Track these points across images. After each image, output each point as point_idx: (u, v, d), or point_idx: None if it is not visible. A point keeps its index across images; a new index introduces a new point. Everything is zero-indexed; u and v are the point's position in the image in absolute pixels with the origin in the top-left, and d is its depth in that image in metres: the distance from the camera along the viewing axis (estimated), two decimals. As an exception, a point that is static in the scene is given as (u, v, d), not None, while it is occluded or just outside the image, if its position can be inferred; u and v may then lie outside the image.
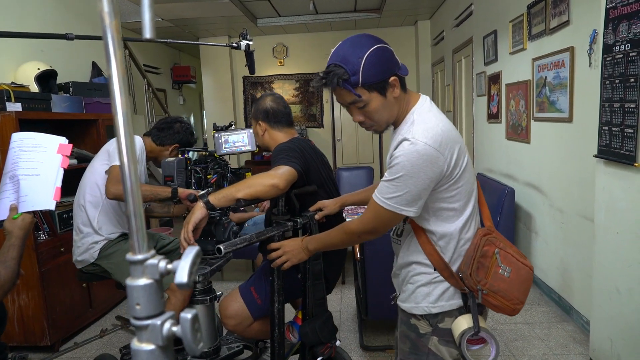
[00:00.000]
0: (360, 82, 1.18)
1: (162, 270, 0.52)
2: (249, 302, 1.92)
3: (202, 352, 1.89)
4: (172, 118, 2.40)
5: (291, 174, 1.59)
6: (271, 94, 2.00)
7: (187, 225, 1.49)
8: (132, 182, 0.50)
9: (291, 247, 1.54)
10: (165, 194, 2.02)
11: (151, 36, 0.48)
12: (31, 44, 3.32)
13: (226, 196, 1.52)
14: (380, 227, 1.28)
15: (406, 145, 1.16)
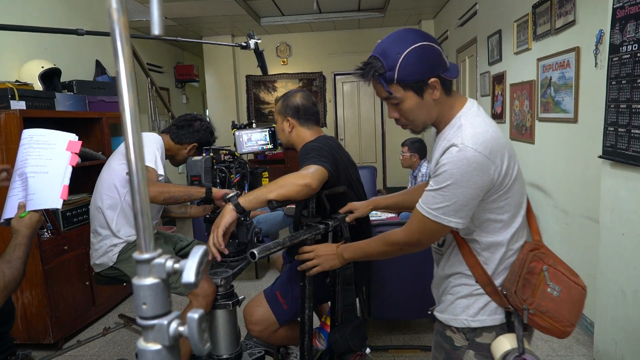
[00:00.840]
0: (396, 79, 1.12)
1: (169, 270, 0.51)
2: (275, 307, 1.85)
3: (224, 358, 1.84)
4: (191, 116, 2.30)
5: (322, 174, 1.53)
6: (300, 90, 1.93)
7: (217, 230, 1.42)
8: (140, 180, 0.50)
9: (324, 252, 1.48)
10: (199, 194, 1.91)
11: (159, 33, 0.48)
12: (35, 43, 3.33)
13: (257, 198, 1.45)
14: (425, 239, 1.22)
15: (454, 151, 1.08)
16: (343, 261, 1.46)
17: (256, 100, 7.87)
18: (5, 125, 2.57)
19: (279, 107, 1.89)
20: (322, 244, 1.52)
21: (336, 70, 7.72)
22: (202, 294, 1.93)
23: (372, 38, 7.52)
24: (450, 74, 1.16)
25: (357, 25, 7.26)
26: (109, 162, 2.17)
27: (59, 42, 3.58)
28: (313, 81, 7.76)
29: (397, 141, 4.07)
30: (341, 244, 1.51)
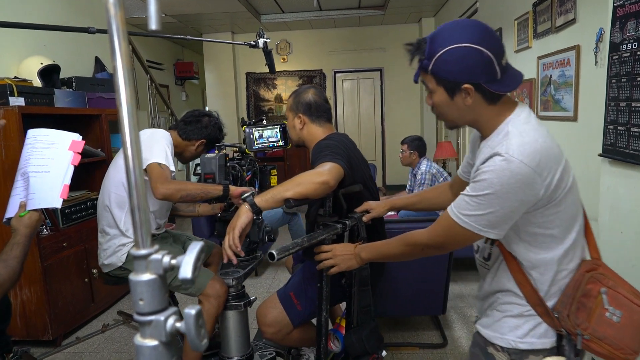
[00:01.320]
0: (430, 70, 1.08)
1: (166, 266, 0.51)
2: (289, 308, 1.81)
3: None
4: (200, 111, 2.23)
5: (339, 172, 1.48)
6: (312, 87, 1.88)
7: (234, 231, 1.35)
8: (137, 176, 0.50)
9: (342, 252, 1.44)
10: (216, 192, 1.86)
11: (157, 28, 0.47)
12: (34, 39, 3.32)
13: (274, 197, 1.39)
14: (449, 244, 1.17)
15: (498, 160, 1.00)
16: (361, 261, 1.42)
17: (256, 98, 7.86)
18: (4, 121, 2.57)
19: (291, 103, 1.86)
20: (339, 244, 1.48)
21: (336, 68, 7.71)
22: (214, 295, 1.89)
23: (372, 36, 7.52)
24: (499, 86, 1.06)
25: (357, 22, 7.25)
26: (116, 159, 2.11)
27: (58, 38, 3.57)
28: (313, 79, 7.75)
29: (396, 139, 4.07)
30: (359, 244, 1.47)
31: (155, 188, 1.77)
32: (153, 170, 1.81)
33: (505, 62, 1.07)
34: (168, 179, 1.81)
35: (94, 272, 3.11)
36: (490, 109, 1.10)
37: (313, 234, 1.46)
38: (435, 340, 2.69)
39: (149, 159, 1.85)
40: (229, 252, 1.36)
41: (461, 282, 3.54)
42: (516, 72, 1.10)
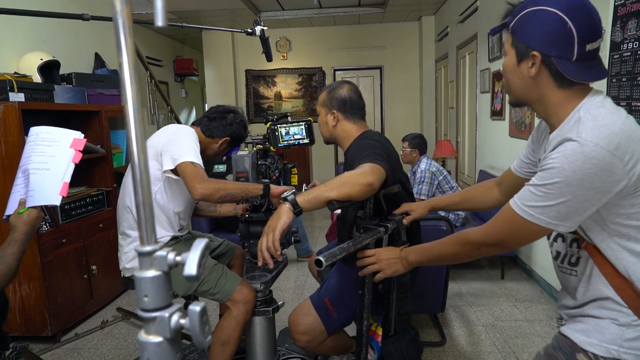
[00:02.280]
0: (510, 28, 1.03)
1: (171, 262, 0.51)
2: (324, 315, 1.72)
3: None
4: (225, 107, 2.10)
5: (382, 173, 1.41)
6: (347, 82, 1.81)
7: (274, 232, 1.25)
8: (142, 172, 0.50)
9: (387, 256, 1.35)
10: (257, 191, 1.76)
11: (163, 24, 0.47)
12: (34, 34, 3.31)
13: (317, 197, 1.30)
14: (510, 241, 1.06)
15: (569, 145, 0.92)
16: (408, 265, 1.34)
17: (255, 95, 7.85)
18: (4, 117, 2.56)
19: (324, 98, 1.78)
20: (383, 248, 1.41)
21: (336, 66, 7.70)
22: (242, 301, 1.82)
23: (372, 34, 7.51)
24: (570, 70, 0.96)
25: (357, 20, 7.24)
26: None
27: (58, 34, 3.56)
28: (313, 76, 7.74)
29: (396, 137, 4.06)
30: (404, 247, 1.38)
31: (192, 188, 1.66)
32: (187, 170, 1.70)
33: (593, 50, 0.97)
34: (205, 177, 1.71)
35: (93, 268, 3.11)
36: (557, 92, 1.01)
37: (357, 238, 1.37)
38: (434, 339, 2.70)
39: (180, 157, 1.74)
40: (266, 254, 1.27)
41: (460, 281, 3.54)
42: (600, 68, 1.00)
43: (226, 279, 1.86)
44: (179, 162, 1.72)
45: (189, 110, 8.61)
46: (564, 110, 1.00)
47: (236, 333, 1.82)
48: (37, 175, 1.48)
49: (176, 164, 1.73)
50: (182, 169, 1.71)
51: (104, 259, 3.27)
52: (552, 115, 1.03)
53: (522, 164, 1.30)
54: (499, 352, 2.51)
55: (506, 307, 3.07)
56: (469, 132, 5.26)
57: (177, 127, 1.96)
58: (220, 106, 2.10)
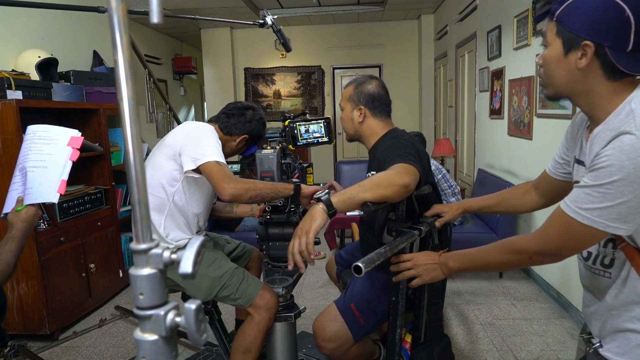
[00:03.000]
0: (556, 16, 0.94)
1: (166, 260, 0.51)
2: (350, 321, 1.65)
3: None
4: (243, 104, 2.02)
5: (416, 174, 1.35)
6: (374, 77, 1.75)
7: (308, 235, 1.17)
8: (137, 170, 0.50)
9: (424, 261, 1.27)
10: (287, 191, 1.69)
11: (158, 21, 0.47)
12: (32, 32, 3.30)
13: (352, 198, 1.23)
14: (566, 248, 0.98)
15: (626, 140, 0.85)
16: (447, 272, 1.24)
17: (254, 93, 7.84)
18: (1, 115, 2.55)
19: (350, 93, 1.72)
20: (420, 252, 1.33)
21: (335, 64, 7.70)
22: (265, 306, 1.76)
23: (371, 32, 7.50)
24: (625, 61, 0.90)
25: (356, 19, 7.23)
26: (153, 156, 1.87)
27: (57, 31, 3.55)
28: (312, 74, 7.73)
29: (395, 136, 4.07)
30: (444, 252, 1.29)
31: (222, 188, 1.59)
32: (213, 170, 1.63)
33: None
34: (233, 177, 1.64)
35: (91, 266, 3.11)
36: (606, 85, 0.94)
37: (393, 242, 1.30)
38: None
39: (202, 157, 1.67)
40: (297, 258, 1.19)
41: (458, 279, 3.55)
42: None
43: (248, 283, 1.80)
44: (201, 162, 1.65)
45: (187, 109, 8.60)
46: (612, 103, 0.94)
47: (258, 340, 1.76)
48: (34, 173, 1.48)
49: (198, 164, 1.66)
50: (208, 169, 1.64)
51: (102, 257, 3.26)
52: (598, 109, 0.96)
53: (557, 164, 1.24)
54: (496, 350, 2.51)
55: (504, 305, 3.08)
56: (467, 131, 5.26)
57: (195, 125, 1.86)
58: (239, 102, 2.03)
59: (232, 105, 2.01)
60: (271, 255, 1.87)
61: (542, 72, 1.02)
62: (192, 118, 8.79)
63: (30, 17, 3.27)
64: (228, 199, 1.61)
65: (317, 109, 7.83)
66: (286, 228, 1.81)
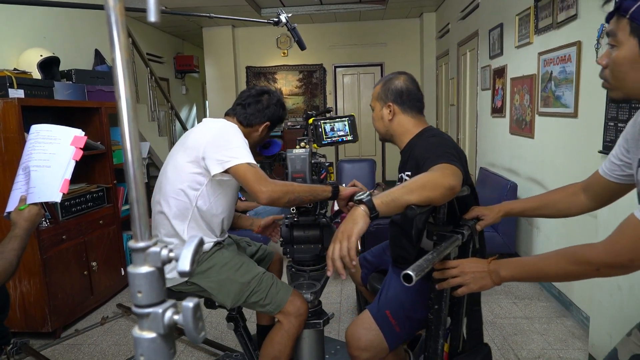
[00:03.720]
0: (630, 13, 0.85)
1: (164, 258, 0.51)
2: (385, 329, 1.56)
3: None
4: (257, 90, 1.88)
5: (460, 175, 1.28)
6: (404, 73, 1.68)
7: (350, 239, 1.09)
8: (136, 169, 0.50)
9: (473, 269, 1.17)
10: (325, 193, 1.62)
11: (155, 19, 0.47)
12: (34, 31, 3.31)
13: (395, 200, 1.15)
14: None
15: None
16: (498, 281, 1.14)
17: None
18: (4, 113, 2.56)
19: (378, 91, 1.66)
20: (468, 259, 1.24)
21: (337, 63, 7.69)
22: (295, 313, 1.67)
23: (373, 30, 7.49)
24: None
25: (358, 17, 7.22)
26: (173, 157, 1.75)
27: (58, 30, 3.56)
28: (313, 73, 7.73)
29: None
30: (493, 259, 1.19)
31: (259, 192, 1.50)
32: (246, 173, 1.55)
33: None
34: (269, 179, 1.55)
35: (93, 264, 3.12)
36: None
37: (439, 247, 1.21)
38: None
39: (231, 160, 1.57)
40: (338, 264, 1.10)
41: (459, 278, 3.55)
42: None
43: (277, 288, 1.71)
44: (230, 164, 1.56)
45: (189, 107, 8.61)
46: None
47: (288, 349, 1.69)
48: (38, 173, 1.48)
49: (227, 166, 1.57)
50: (240, 173, 1.56)
51: (104, 255, 3.27)
52: None
53: (614, 166, 1.16)
54: (497, 349, 2.51)
55: (505, 304, 3.08)
56: (469, 129, 5.25)
57: (217, 124, 1.73)
58: (252, 89, 1.89)
59: (245, 93, 1.88)
60: (296, 258, 1.80)
61: (609, 74, 0.95)
62: (194, 117, 8.80)
63: (32, 16, 3.28)
64: (266, 202, 1.52)
65: (319, 107, 7.83)
66: (311, 230, 1.74)
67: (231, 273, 1.71)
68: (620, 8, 0.87)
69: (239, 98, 1.88)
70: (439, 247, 1.21)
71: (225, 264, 1.73)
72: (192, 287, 1.74)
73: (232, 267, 1.73)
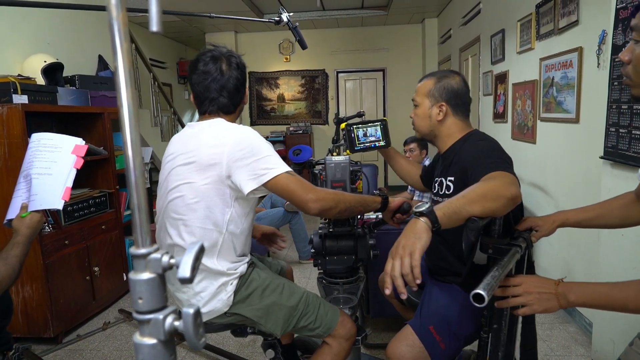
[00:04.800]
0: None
1: (165, 265, 0.52)
2: (430, 347, 1.46)
3: None
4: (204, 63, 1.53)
5: (518, 184, 1.19)
6: (457, 72, 1.58)
7: (413, 256, 0.97)
8: (137, 175, 0.50)
9: (537, 289, 1.06)
10: (375, 204, 1.52)
11: (157, 29, 0.48)
12: (38, 37, 3.33)
13: (457, 212, 1.05)
14: None
15: None
16: (565, 305, 1.04)
17: (258, 97, 7.87)
18: (7, 119, 2.58)
19: (430, 87, 1.54)
20: (532, 277, 1.12)
21: (339, 68, 7.71)
22: (346, 335, 1.55)
23: (375, 36, 7.52)
24: None
25: (360, 23, 7.25)
26: (186, 179, 1.42)
27: (62, 36, 3.58)
28: (315, 78, 7.75)
29: (399, 139, 4.06)
30: (561, 280, 1.08)
31: (308, 202, 1.34)
32: (290, 183, 1.35)
33: None
34: (314, 187, 1.39)
35: (95, 270, 3.12)
36: None
37: (501, 262, 1.10)
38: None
39: (268, 171, 1.35)
40: (399, 282, 0.97)
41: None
42: None
43: (325, 309, 1.56)
44: (268, 177, 1.35)
45: (192, 113, 8.64)
46: None
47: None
48: (39, 180, 1.50)
49: (264, 181, 1.35)
50: (281, 184, 1.35)
51: (106, 260, 3.28)
52: None
53: None
54: (500, 355, 2.50)
55: (508, 310, 3.06)
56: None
57: (234, 133, 1.42)
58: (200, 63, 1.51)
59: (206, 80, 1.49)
60: (328, 270, 1.70)
61: (631, 70, 0.92)
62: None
63: (36, 22, 3.30)
64: (316, 212, 1.36)
65: (321, 112, 7.85)
66: (345, 241, 1.67)
67: (276, 297, 1.53)
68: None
69: (208, 90, 1.50)
70: (502, 262, 1.10)
71: (266, 287, 1.54)
72: (233, 318, 1.53)
73: (274, 290, 1.54)
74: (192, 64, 1.52)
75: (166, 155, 1.54)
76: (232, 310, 1.50)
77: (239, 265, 1.51)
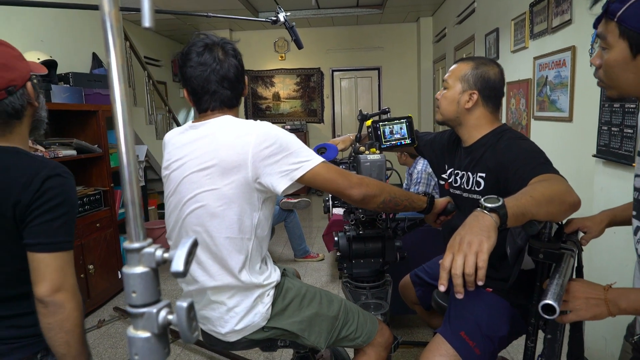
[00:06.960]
0: (617, 17, 0.86)
1: (159, 259, 0.52)
2: (464, 353, 1.38)
3: None
4: (197, 53, 1.32)
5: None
6: (497, 64, 1.50)
7: (480, 256, 0.87)
8: (131, 171, 0.51)
9: (585, 294, 0.98)
10: (421, 203, 1.43)
11: (150, 25, 0.48)
12: (32, 34, 3.32)
13: (525, 214, 0.98)
14: None
15: None
16: (616, 312, 0.97)
17: (254, 96, 7.86)
18: (1, 116, 2.56)
19: (465, 72, 1.47)
20: (579, 281, 1.03)
21: (334, 66, 7.72)
22: (384, 344, 1.50)
23: (370, 34, 7.52)
24: None
25: (355, 21, 7.26)
26: (206, 187, 1.26)
27: (56, 34, 3.56)
28: (311, 77, 7.75)
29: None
30: (610, 285, 1.01)
31: (350, 189, 1.25)
32: (329, 172, 1.26)
33: None
34: (353, 173, 1.32)
35: (89, 267, 3.12)
36: None
37: (561, 269, 1.02)
38: (430, 339, 2.71)
39: (302, 164, 1.24)
40: (459, 281, 0.87)
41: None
42: None
43: (364, 317, 1.49)
44: (304, 171, 1.24)
45: (187, 111, 8.62)
46: None
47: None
48: None
49: (298, 175, 1.23)
50: (321, 176, 1.25)
51: (101, 258, 3.27)
52: None
53: None
54: (493, 352, 2.51)
55: (501, 307, 3.08)
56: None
57: (255, 129, 1.26)
58: (188, 57, 1.31)
59: (204, 73, 1.31)
60: (355, 274, 1.63)
61: (602, 74, 0.95)
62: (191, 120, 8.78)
63: (29, 20, 3.28)
64: (360, 198, 1.27)
65: (316, 111, 7.85)
66: (372, 243, 1.60)
67: (316, 307, 1.42)
68: (608, 11, 0.88)
69: (210, 84, 1.32)
70: (561, 268, 1.02)
71: (303, 297, 1.43)
72: (271, 333, 1.39)
73: (312, 299, 1.43)
74: (183, 56, 1.32)
75: (169, 161, 1.36)
76: (270, 324, 1.36)
77: (272, 274, 1.38)
